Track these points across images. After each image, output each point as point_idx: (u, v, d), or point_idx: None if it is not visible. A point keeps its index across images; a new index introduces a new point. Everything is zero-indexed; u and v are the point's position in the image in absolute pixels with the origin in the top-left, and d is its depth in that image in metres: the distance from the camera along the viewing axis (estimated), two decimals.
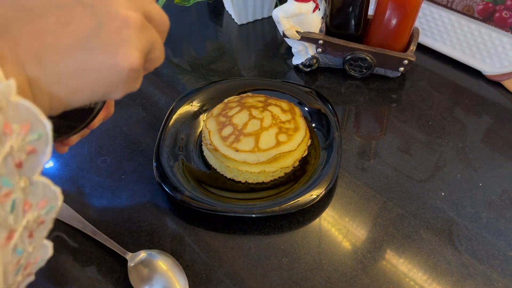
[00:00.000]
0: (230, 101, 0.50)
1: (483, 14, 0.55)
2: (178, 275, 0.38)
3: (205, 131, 0.47)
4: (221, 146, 0.44)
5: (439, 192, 0.45)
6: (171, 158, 0.46)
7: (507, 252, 0.39)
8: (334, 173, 0.43)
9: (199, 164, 0.47)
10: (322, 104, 0.51)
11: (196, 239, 0.41)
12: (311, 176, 0.44)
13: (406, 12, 0.51)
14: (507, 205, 0.43)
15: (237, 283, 0.38)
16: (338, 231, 0.42)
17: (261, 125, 0.45)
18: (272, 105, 0.48)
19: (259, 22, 0.71)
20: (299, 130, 0.46)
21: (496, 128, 0.51)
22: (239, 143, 0.44)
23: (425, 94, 0.56)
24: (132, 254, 0.40)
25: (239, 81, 0.56)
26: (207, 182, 0.45)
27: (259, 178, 0.45)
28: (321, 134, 0.49)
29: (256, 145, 0.44)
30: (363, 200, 0.44)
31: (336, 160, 0.44)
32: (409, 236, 0.41)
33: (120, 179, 0.47)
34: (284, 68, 0.62)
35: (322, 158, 0.46)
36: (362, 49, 0.55)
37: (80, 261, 0.40)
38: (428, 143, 0.50)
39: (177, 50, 0.66)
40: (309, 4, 0.53)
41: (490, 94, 0.56)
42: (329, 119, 0.49)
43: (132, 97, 0.58)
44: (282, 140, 0.44)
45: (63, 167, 0.49)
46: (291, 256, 0.40)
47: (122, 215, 0.44)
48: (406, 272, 0.38)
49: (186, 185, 0.44)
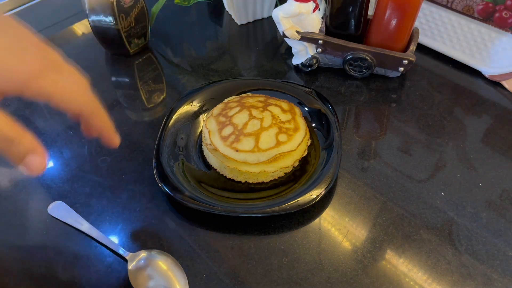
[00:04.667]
0: (230, 101, 0.50)
1: (483, 14, 0.55)
2: (178, 275, 0.38)
3: (205, 131, 0.47)
4: (221, 146, 0.44)
5: (439, 192, 0.45)
6: (171, 158, 0.46)
7: (507, 252, 0.39)
8: (334, 173, 0.43)
9: (199, 164, 0.47)
10: (322, 104, 0.51)
11: (196, 239, 0.41)
12: (311, 176, 0.44)
13: (406, 12, 0.51)
14: (507, 205, 0.43)
15: (237, 283, 0.38)
16: (338, 231, 0.42)
17: (261, 125, 0.45)
18: (272, 105, 0.48)
19: (259, 22, 0.71)
20: (299, 130, 0.46)
21: (496, 128, 0.51)
22: (239, 143, 0.44)
23: (425, 94, 0.56)
24: (132, 254, 0.40)
25: (239, 81, 0.56)
26: (207, 182, 0.45)
27: (259, 178, 0.45)
28: (321, 134, 0.49)
29: (256, 145, 0.44)
30: (363, 200, 0.44)
31: (336, 160, 0.44)
32: (409, 236, 0.41)
33: (120, 179, 0.47)
34: (284, 68, 0.62)
35: (322, 158, 0.46)
36: (362, 49, 0.55)
37: (80, 261, 0.40)
38: (428, 143, 0.50)
39: (177, 50, 0.66)
40: (309, 4, 0.53)
41: (490, 94, 0.56)
42: (329, 119, 0.49)
43: (132, 97, 0.58)
44: (282, 140, 0.44)
45: (63, 167, 0.49)
46: (291, 256, 0.40)
47: (122, 215, 0.44)
48: (406, 272, 0.38)
49: (186, 185, 0.44)
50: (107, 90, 0.59)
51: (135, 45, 0.63)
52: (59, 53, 0.32)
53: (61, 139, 0.52)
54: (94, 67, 0.63)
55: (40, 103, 0.58)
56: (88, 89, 0.32)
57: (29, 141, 0.28)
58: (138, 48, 0.64)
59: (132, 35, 0.61)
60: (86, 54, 0.65)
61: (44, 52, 0.31)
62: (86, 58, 0.65)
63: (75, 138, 0.52)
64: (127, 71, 0.62)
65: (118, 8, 0.57)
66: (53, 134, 0.53)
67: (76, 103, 0.31)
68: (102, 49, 0.65)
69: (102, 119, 0.33)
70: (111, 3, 0.56)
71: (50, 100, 0.29)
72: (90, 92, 0.32)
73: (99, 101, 0.33)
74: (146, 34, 0.64)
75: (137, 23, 0.61)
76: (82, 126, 0.33)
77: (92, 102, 0.32)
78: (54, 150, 0.51)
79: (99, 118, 0.33)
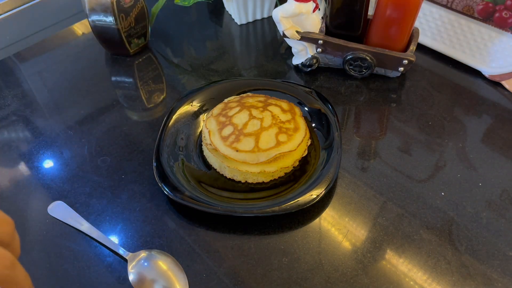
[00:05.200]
0: (230, 101, 0.50)
1: (483, 14, 0.55)
2: (178, 275, 0.38)
3: (205, 131, 0.47)
4: (221, 146, 0.44)
5: (439, 192, 0.45)
6: (171, 158, 0.46)
7: (507, 252, 0.39)
8: (334, 173, 0.43)
9: (199, 164, 0.47)
10: (322, 104, 0.51)
11: (196, 239, 0.41)
12: (311, 176, 0.44)
13: (406, 12, 0.51)
14: (507, 205, 0.43)
15: (237, 283, 0.38)
16: (338, 231, 0.42)
17: (261, 125, 0.45)
18: (272, 105, 0.48)
19: (259, 22, 0.71)
20: (299, 130, 0.46)
21: (496, 128, 0.51)
22: (239, 143, 0.44)
23: (425, 94, 0.56)
24: (132, 254, 0.40)
25: (239, 81, 0.56)
26: (207, 182, 0.45)
27: (259, 178, 0.45)
28: (321, 134, 0.49)
29: (256, 145, 0.44)
30: (363, 200, 0.44)
31: (336, 160, 0.44)
32: (409, 236, 0.41)
33: (120, 179, 0.47)
34: (284, 68, 0.62)
35: (322, 158, 0.46)
36: (362, 49, 0.55)
37: (80, 261, 0.40)
38: (428, 143, 0.50)
39: (177, 50, 0.66)
40: (309, 4, 0.53)
41: (490, 94, 0.56)
42: (329, 119, 0.49)
43: (132, 97, 0.58)
44: (282, 140, 0.44)
45: (63, 167, 0.49)
46: (291, 256, 0.40)
47: (122, 215, 0.44)
48: (406, 272, 0.38)
49: (186, 185, 0.44)
50: (107, 90, 0.59)
51: (135, 45, 0.63)
52: None
53: (61, 139, 0.52)
54: (94, 67, 0.63)
55: (40, 103, 0.58)
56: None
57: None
58: (138, 48, 0.64)
59: (132, 35, 0.61)
60: (86, 54, 0.65)
61: None
62: (86, 58, 0.65)
63: (75, 138, 0.52)
64: (127, 71, 0.62)
65: (118, 8, 0.57)
66: (53, 134, 0.53)
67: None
68: (102, 49, 0.65)
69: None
70: (111, 3, 0.56)
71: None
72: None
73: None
74: (146, 34, 0.64)
75: (137, 23, 0.61)
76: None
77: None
78: (54, 150, 0.51)
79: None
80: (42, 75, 0.62)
